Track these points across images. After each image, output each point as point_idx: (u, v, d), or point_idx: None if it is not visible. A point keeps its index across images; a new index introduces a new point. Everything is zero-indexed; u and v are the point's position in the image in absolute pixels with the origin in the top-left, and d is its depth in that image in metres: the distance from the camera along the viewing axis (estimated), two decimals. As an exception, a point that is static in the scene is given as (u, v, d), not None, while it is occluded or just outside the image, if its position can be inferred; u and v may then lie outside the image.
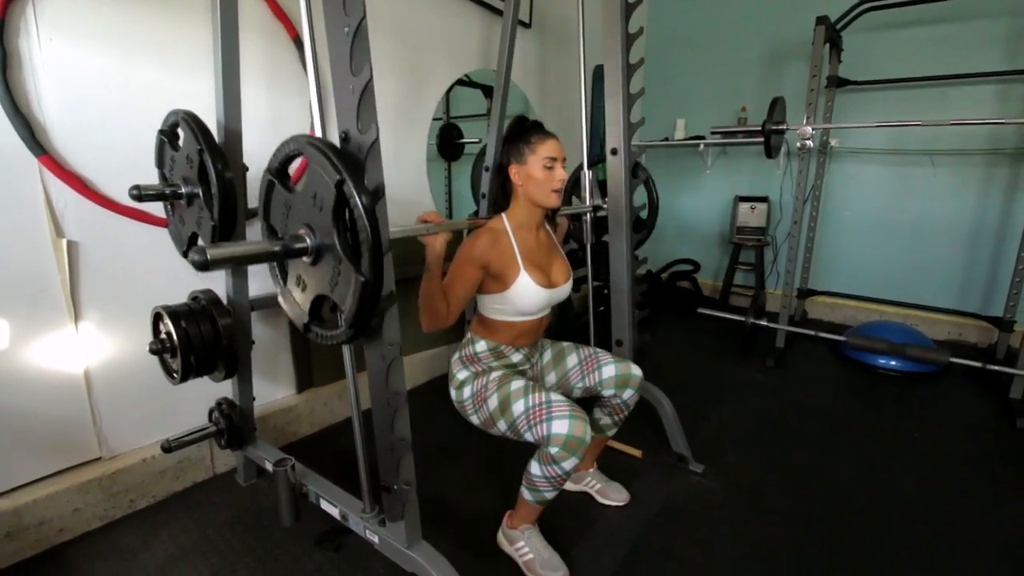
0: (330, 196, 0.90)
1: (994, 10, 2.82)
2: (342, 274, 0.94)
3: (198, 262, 0.84)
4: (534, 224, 1.44)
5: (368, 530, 1.24)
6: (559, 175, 1.36)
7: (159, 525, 1.54)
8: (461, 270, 1.35)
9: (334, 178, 0.88)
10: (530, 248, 1.42)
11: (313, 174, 0.93)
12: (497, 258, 1.35)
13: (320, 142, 0.94)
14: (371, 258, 0.90)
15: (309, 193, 0.96)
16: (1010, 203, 2.95)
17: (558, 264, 1.50)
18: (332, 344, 1.03)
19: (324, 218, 0.92)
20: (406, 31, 2.25)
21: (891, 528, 1.57)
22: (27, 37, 1.31)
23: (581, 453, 1.23)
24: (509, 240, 1.38)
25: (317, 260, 0.98)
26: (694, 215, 4.07)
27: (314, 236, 0.97)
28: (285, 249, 0.97)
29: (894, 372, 2.69)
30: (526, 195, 1.39)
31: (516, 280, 1.37)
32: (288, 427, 1.99)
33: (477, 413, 1.39)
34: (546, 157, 1.35)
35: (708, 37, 3.78)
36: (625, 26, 1.66)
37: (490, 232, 1.37)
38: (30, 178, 1.35)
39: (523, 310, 1.41)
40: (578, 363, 1.54)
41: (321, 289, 1.01)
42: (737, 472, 1.83)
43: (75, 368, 1.48)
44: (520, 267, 1.37)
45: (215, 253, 0.86)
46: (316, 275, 1.00)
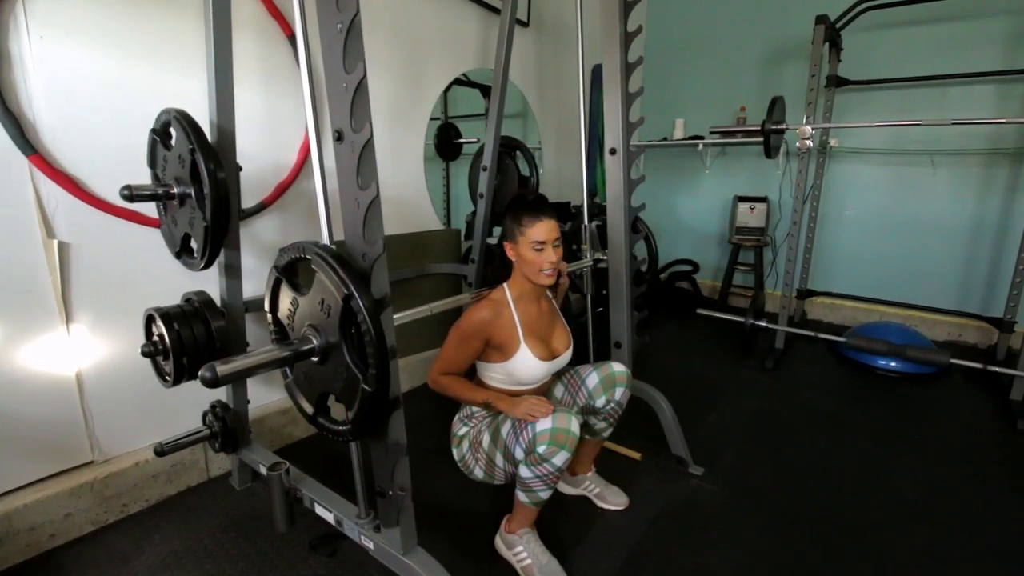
0: (337, 306, 0.92)
1: (994, 9, 2.81)
2: (348, 379, 0.95)
3: (208, 379, 0.85)
4: (535, 295, 1.46)
5: (363, 536, 1.23)
6: (548, 257, 1.36)
7: (152, 530, 1.52)
8: (463, 343, 1.38)
9: (342, 292, 0.90)
10: (531, 319, 1.43)
11: (320, 282, 0.95)
12: (499, 330, 1.37)
13: (327, 252, 0.95)
14: (377, 370, 0.91)
15: (316, 298, 0.97)
16: (1010, 203, 2.94)
17: (559, 333, 1.51)
18: (338, 439, 1.05)
19: (331, 323, 0.95)
20: (403, 30, 2.23)
21: (891, 530, 1.55)
22: (17, 35, 1.29)
23: (570, 446, 1.22)
24: (511, 312, 1.40)
25: (324, 360, 1.00)
26: (693, 215, 4.06)
27: (320, 336, 0.98)
28: (295, 354, 0.99)
29: (894, 373, 2.68)
30: (522, 272, 1.41)
31: (517, 353, 1.38)
32: (284, 429, 1.97)
33: (477, 463, 1.40)
34: (534, 241, 1.35)
35: (707, 36, 3.76)
36: (624, 25, 1.64)
37: (492, 304, 1.38)
38: (20, 178, 1.33)
39: (522, 381, 1.42)
40: (564, 388, 1.56)
41: (327, 388, 1.03)
42: (736, 474, 1.82)
43: (67, 370, 1.46)
44: (521, 340, 1.39)
45: (225, 370, 0.87)
46: (323, 373, 1.02)
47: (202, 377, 0.85)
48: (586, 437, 1.60)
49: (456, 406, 1.50)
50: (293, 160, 1.90)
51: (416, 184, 2.46)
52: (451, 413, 1.51)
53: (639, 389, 1.85)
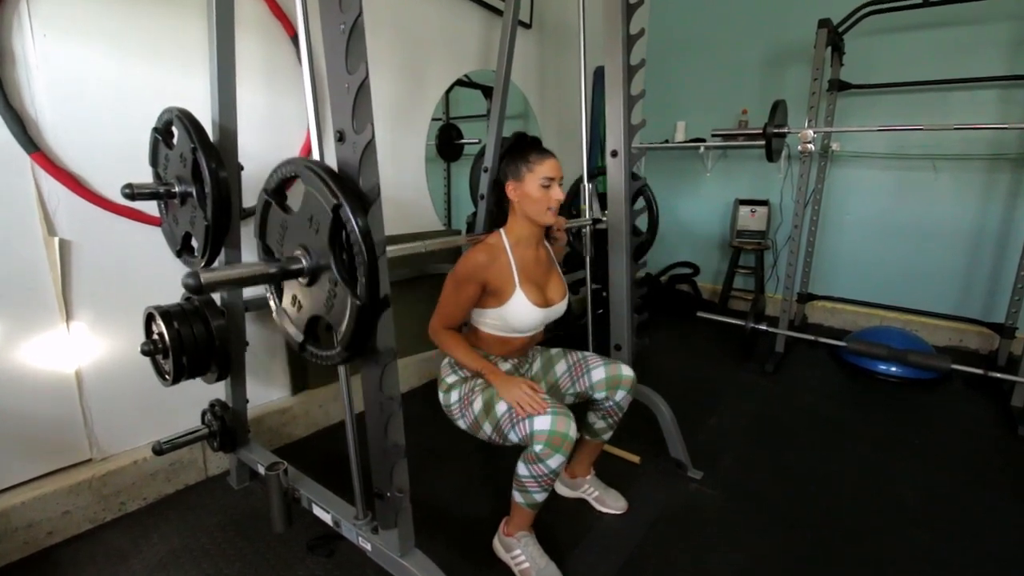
0: (326, 220, 0.90)
1: (996, 15, 2.80)
2: (338, 296, 0.94)
3: (191, 286, 0.83)
4: (532, 241, 1.44)
5: (361, 537, 1.22)
6: (556, 195, 1.36)
7: (150, 528, 1.52)
8: (460, 289, 1.35)
9: (331, 203, 0.88)
10: (528, 265, 1.42)
11: (309, 197, 0.93)
12: (495, 275, 1.35)
13: (317, 165, 0.93)
14: (367, 282, 0.89)
15: (305, 215, 0.95)
16: (1012, 209, 2.94)
17: (555, 282, 1.50)
18: (328, 364, 1.02)
19: (320, 240, 0.92)
20: (405, 30, 2.23)
21: (891, 535, 1.55)
22: (20, 33, 1.29)
23: (566, 450, 1.22)
24: (507, 257, 1.38)
25: (313, 281, 0.98)
26: (694, 218, 4.05)
27: (310, 257, 0.97)
28: (282, 271, 0.96)
29: (894, 378, 2.67)
30: (523, 212, 1.39)
31: (512, 298, 1.37)
32: (282, 429, 1.97)
33: (463, 417, 1.39)
34: (543, 177, 1.34)
35: (709, 39, 3.76)
36: (626, 27, 1.64)
37: (488, 248, 1.36)
38: (22, 175, 1.33)
39: (517, 327, 1.41)
40: (567, 369, 1.53)
41: (317, 310, 1.00)
42: (736, 478, 1.81)
43: (66, 368, 1.46)
44: (516, 285, 1.37)
45: (209, 277, 0.85)
46: (312, 296, 1.00)
47: (185, 283, 0.83)
48: (586, 438, 1.60)
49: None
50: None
51: (417, 184, 2.46)
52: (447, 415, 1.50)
53: (638, 392, 1.84)
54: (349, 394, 1.20)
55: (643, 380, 1.86)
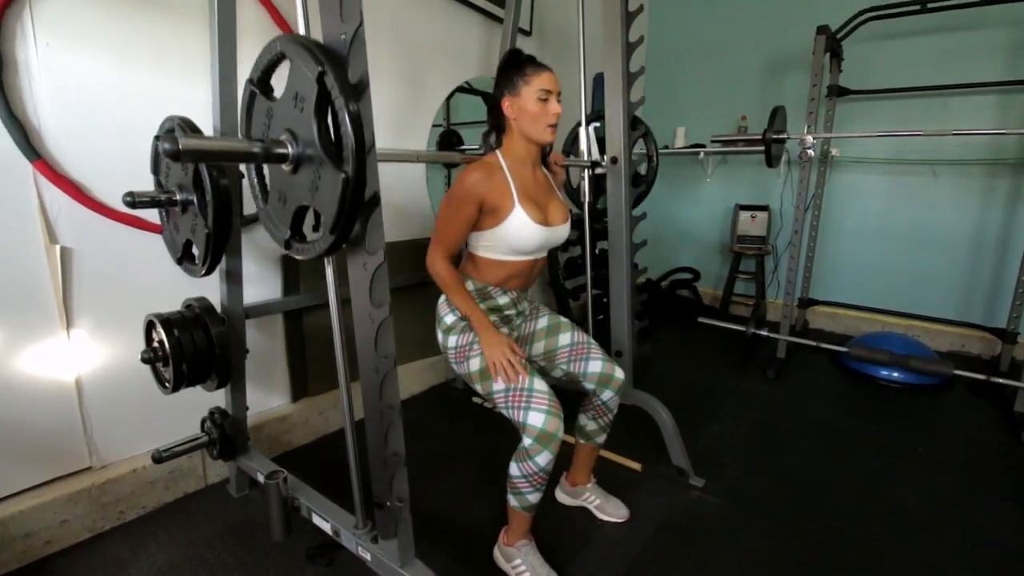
0: (311, 93, 0.86)
1: (994, 21, 2.81)
2: (323, 177, 0.89)
3: (169, 151, 0.79)
4: (530, 161, 1.39)
5: (360, 547, 1.22)
6: (554, 109, 1.31)
7: (148, 537, 1.51)
8: (457, 210, 1.30)
9: (315, 71, 0.84)
10: (526, 184, 1.36)
11: (295, 73, 0.90)
12: (492, 191, 1.29)
13: (303, 39, 0.90)
14: (354, 155, 0.85)
15: (290, 95, 0.92)
16: (1012, 213, 2.94)
17: (555, 204, 1.44)
18: (315, 258, 0.97)
19: (306, 118, 0.88)
20: (406, 38, 2.24)
21: (893, 542, 1.54)
22: (24, 42, 1.30)
23: (553, 448, 1.22)
24: (504, 175, 1.33)
25: (298, 168, 0.95)
26: (694, 223, 4.06)
27: (296, 143, 0.93)
28: (265, 151, 0.92)
29: (896, 384, 2.66)
30: (520, 130, 1.34)
31: (510, 215, 1.30)
32: (282, 437, 1.96)
33: (458, 366, 1.37)
34: (540, 89, 1.29)
35: (708, 46, 3.78)
36: (626, 34, 1.65)
37: (484, 166, 1.31)
38: (24, 183, 1.34)
39: (516, 247, 1.35)
40: (569, 345, 1.50)
41: (302, 199, 0.96)
42: (738, 486, 1.80)
43: (66, 376, 1.46)
44: (515, 201, 1.31)
45: (188, 143, 0.81)
46: (297, 185, 0.96)
47: (163, 149, 0.80)
48: (580, 442, 1.60)
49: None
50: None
51: (417, 190, 2.46)
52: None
53: (639, 398, 1.84)
54: (349, 401, 1.20)
55: (644, 386, 1.86)
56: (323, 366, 2.08)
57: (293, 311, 1.96)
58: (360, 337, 1.02)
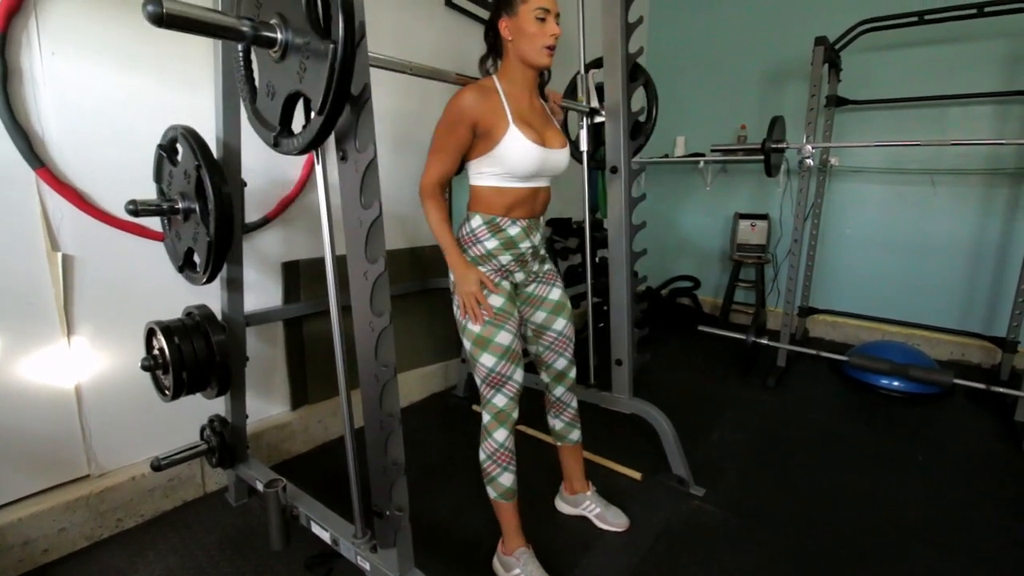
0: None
1: (991, 32, 2.84)
2: (311, 58, 0.86)
3: (152, 13, 0.76)
4: (527, 86, 1.35)
5: (359, 556, 1.21)
6: (551, 29, 1.28)
7: (147, 546, 1.51)
8: (450, 132, 1.27)
9: None
10: (522, 108, 1.33)
11: None
12: (486, 113, 1.26)
13: None
14: (344, 32, 0.81)
15: None
16: (1011, 222, 2.95)
17: (552, 131, 1.39)
18: (304, 147, 0.94)
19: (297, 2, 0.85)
20: (408, 48, 2.26)
21: (894, 552, 1.53)
22: (29, 51, 1.31)
23: (509, 427, 1.34)
24: (499, 96, 1.29)
25: (285, 55, 0.92)
26: (694, 231, 4.07)
27: (286, 29, 0.90)
28: (254, 31, 0.89)
29: (897, 393, 2.66)
30: (516, 53, 1.30)
31: (505, 135, 1.26)
32: (282, 445, 1.96)
33: (457, 312, 1.36)
34: (538, 8, 1.26)
35: (708, 56, 3.81)
36: (625, 45, 1.67)
37: (478, 88, 1.28)
38: (27, 191, 1.34)
39: (514, 170, 1.30)
40: (558, 333, 1.50)
41: (291, 87, 0.94)
42: (738, 495, 1.80)
43: (66, 383, 1.46)
44: (510, 121, 1.27)
45: (173, 7, 0.78)
46: (284, 71, 0.94)
47: (148, 12, 0.76)
48: (558, 444, 1.62)
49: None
50: (297, 175, 1.91)
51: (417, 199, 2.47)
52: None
53: (639, 407, 1.84)
54: (349, 410, 1.20)
55: (644, 395, 1.86)
56: (323, 374, 2.08)
57: (293, 319, 1.97)
58: (360, 345, 1.03)
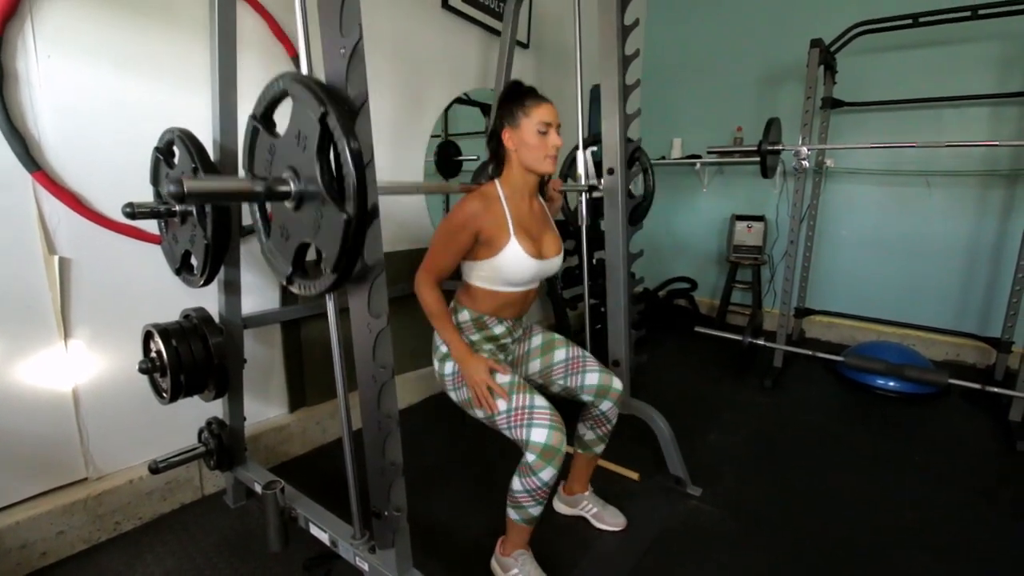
0: (314, 132, 0.87)
1: (985, 35, 2.86)
2: (325, 216, 0.90)
3: (174, 193, 0.79)
4: (527, 192, 1.41)
5: (358, 557, 1.21)
6: (553, 141, 1.33)
7: (145, 548, 1.51)
8: (452, 238, 1.32)
9: (318, 111, 0.85)
10: (522, 216, 1.38)
11: (297, 112, 0.91)
12: (488, 223, 1.31)
13: (306, 78, 0.91)
14: (356, 196, 0.86)
15: (293, 133, 0.93)
16: (1005, 224, 2.96)
17: (549, 237, 1.46)
18: (315, 295, 0.97)
19: (308, 158, 0.89)
20: (406, 51, 2.27)
21: (891, 553, 1.54)
22: (25, 54, 1.31)
23: (557, 463, 1.23)
24: (501, 206, 1.35)
25: (300, 205, 0.95)
26: (691, 233, 4.08)
27: (298, 180, 0.94)
28: (268, 190, 0.93)
29: (892, 393, 2.67)
30: (519, 161, 1.36)
31: (506, 247, 1.32)
32: (280, 447, 1.96)
33: (456, 392, 1.38)
34: (540, 122, 1.31)
35: (704, 58, 3.82)
36: (622, 48, 1.68)
37: (482, 197, 1.33)
38: (23, 194, 1.34)
39: (511, 280, 1.37)
40: (565, 360, 1.51)
41: (304, 236, 0.97)
42: (735, 495, 1.80)
43: (63, 386, 1.46)
44: (511, 234, 1.33)
45: (193, 185, 0.82)
46: (299, 222, 0.97)
47: (168, 191, 0.80)
48: (578, 451, 1.60)
49: None
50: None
51: (416, 201, 2.48)
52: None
53: (636, 408, 1.84)
54: (347, 411, 1.20)
55: (641, 396, 1.87)
56: (321, 376, 2.08)
57: (291, 321, 1.97)
58: (358, 347, 1.03)
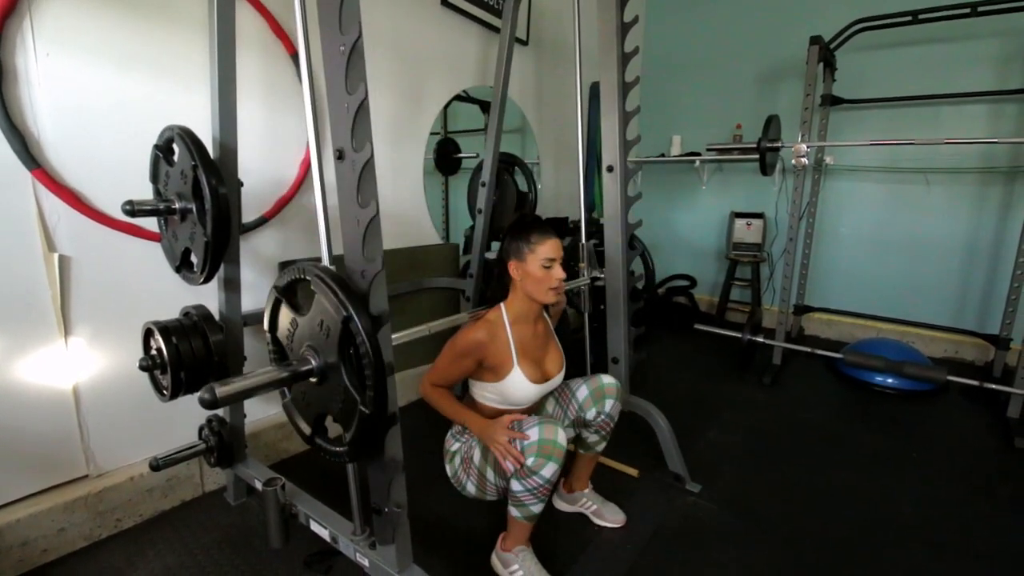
0: (336, 328, 0.92)
1: (984, 32, 2.86)
2: (346, 401, 0.96)
3: (207, 400, 0.86)
4: (531, 317, 1.47)
5: (358, 553, 1.22)
6: (557, 274, 1.39)
7: (145, 545, 1.51)
8: (457, 360, 1.39)
9: (341, 314, 0.90)
10: (526, 342, 1.45)
11: (320, 303, 0.96)
12: (493, 352, 1.38)
13: (326, 274, 0.96)
14: (375, 392, 0.91)
15: (316, 319, 0.98)
16: (1004, 221, 2.97)
17: (552, 355, 1.53)
18: (336, 460, 1.04)
19: (330, 345, 0.95)
20: (405, 48, 2.27)
21: (889, 549, 1.55)
22: (24, 51, 1.31)
23: (557, 457, 1.24)
24: (506, 334, 1.41)
25: (322, 381, 1.00)
26: (690, 230, 4.09)
27: (318, 358, 0.99)
28: (293, 375, 0.99)
29: (891, 390, 2.68)
30: (524, 290, 1.42)
31: (509, 375, 1.40)
32: (280, 444, 1.96)
33: (469, 479, 1.40)
34: (544, 258, 1.38)
35: (703, 56, 3.82)
36: (621, 45, 1.67)
37: (488, 326, 1.39)
38: (23, 192, 1.34)
39: (514, 402, 1.44)
40: (556, 403, 1.56)
41: (325, 408, 1.03)
42: (734, 491, 1.81)
43: (64, 384, 1.46)
44: (515, 363, 1.40)
45: (224, 391, 0.87)
46: (321, 394, 1.03)
47: (201, 399, 0.86)
48: (580, 452, 1.61)
49: (449, 421, 1.49)
50: (294, 175, 1.91)
51: (415, 198, 2.48)
52: (447, 427, 1.51)
53: (636, 405, 1.85)
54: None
55: (640, 393, 1.87)
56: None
57: (291, 318, 1.97)
58: (359, 344, 1.03)
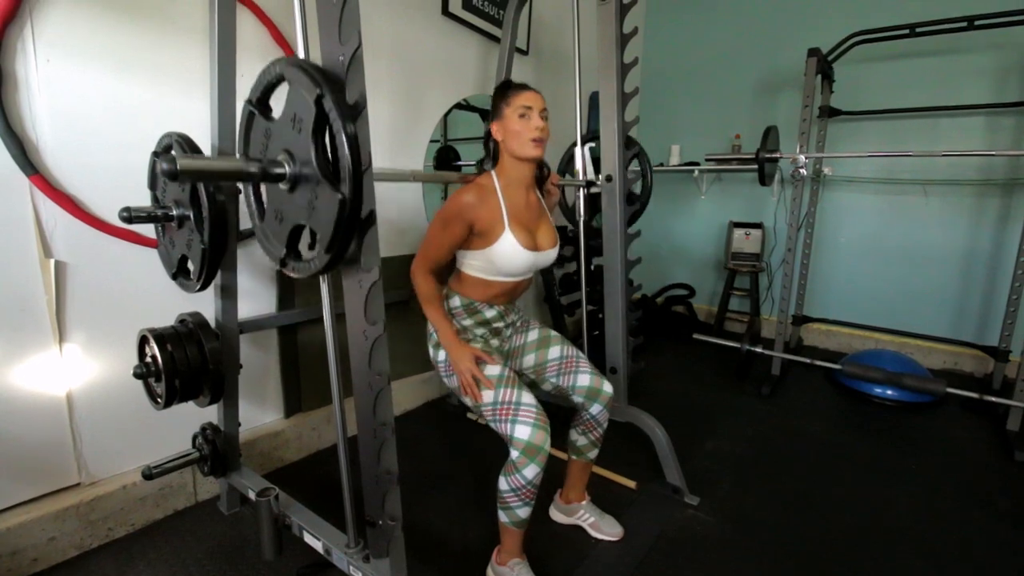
0: (310, 115, 0.88)
1: (981, 45, 2.88)
2: (320, 197, 0.91)
3: (167, 171, 0.81)
4: (523, 184, 1.42)
5: (352, 566, 1.20)
6: (535, 123, 1.33)
7: (137, 555, 1.49)
8: (446, 228, 1.34)
9: (314, 93, 0.86)
10: (518, 208, 1.40)
11: (293, 95, 0.92)
12: (483, 215, 1.33)
13: (302, 61, 0.92)
14: (351, 176, 0.87)
15: (288, 116, 0.94)
16: (1002, 233, 2.97)
17: (545, 228, 1.47)
18: (309, 277, 0.98)
19: (303, 140, 0.90)
20: (405, 57, 2.27)
21: (888, 562, 1.53)
22: (24, 57, 1.31)
23: (540, 461, 1.24)
24: (497, 197, 1.36)
25: (295, 187, 0.96)
26: (689, 240, 4.09)
27: (293, 163, 0.95)
28: (262, 171, 0.93)
29: (890, 401, 2.67)
30: (508, 150, 1.37)
31: (500, 238, 1.34)
32: (274, 453, 1.95)
33: (448, 380, 1.40)
34: (520, 106, 1.33)
35: (702, 66, 3.85)
36: (620, 56, 1.68)
37: (478, 188, 1.34)
38: (20, 197, 1.34)
39: (504, 270, 1.39)
40: (559, 359, 1.52)
41: (299, 218, 0.98)
42: (732, 504, 1.79)
43: (57, 391, 1.44)
44: (506, 225, 1.35)
45: (187, 164, 0.84)
46: (293, 204, 0.98)
47: (161, 169, 0.82)
48: (572, 457, 1.60)
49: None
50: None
51: (415, 205, 2.48)
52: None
53: (634, 416, 1.84)
54: (343, 418, 1.19)
55: (638, 403, 1.86)
56: (317, 382, 2.07)
57: (287, 326, 1.96)
58: (354, 354, 1.02)
